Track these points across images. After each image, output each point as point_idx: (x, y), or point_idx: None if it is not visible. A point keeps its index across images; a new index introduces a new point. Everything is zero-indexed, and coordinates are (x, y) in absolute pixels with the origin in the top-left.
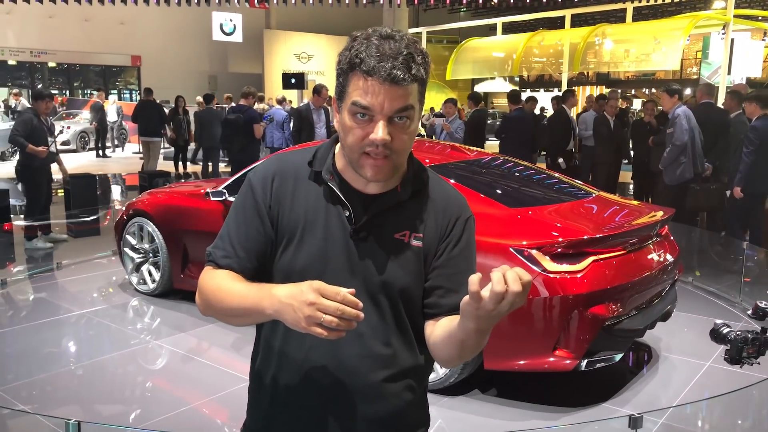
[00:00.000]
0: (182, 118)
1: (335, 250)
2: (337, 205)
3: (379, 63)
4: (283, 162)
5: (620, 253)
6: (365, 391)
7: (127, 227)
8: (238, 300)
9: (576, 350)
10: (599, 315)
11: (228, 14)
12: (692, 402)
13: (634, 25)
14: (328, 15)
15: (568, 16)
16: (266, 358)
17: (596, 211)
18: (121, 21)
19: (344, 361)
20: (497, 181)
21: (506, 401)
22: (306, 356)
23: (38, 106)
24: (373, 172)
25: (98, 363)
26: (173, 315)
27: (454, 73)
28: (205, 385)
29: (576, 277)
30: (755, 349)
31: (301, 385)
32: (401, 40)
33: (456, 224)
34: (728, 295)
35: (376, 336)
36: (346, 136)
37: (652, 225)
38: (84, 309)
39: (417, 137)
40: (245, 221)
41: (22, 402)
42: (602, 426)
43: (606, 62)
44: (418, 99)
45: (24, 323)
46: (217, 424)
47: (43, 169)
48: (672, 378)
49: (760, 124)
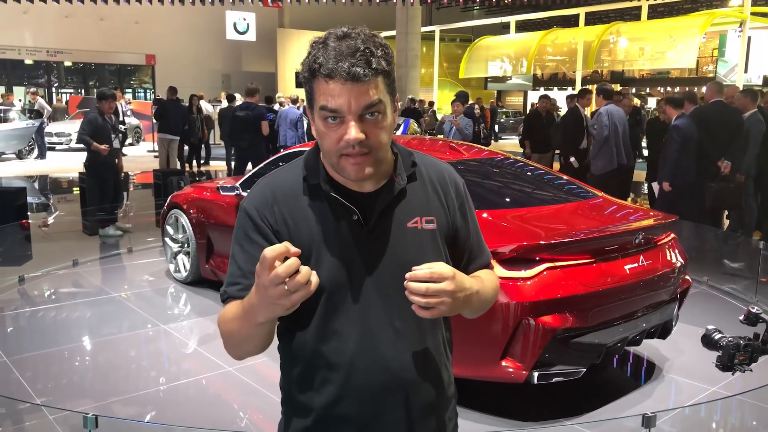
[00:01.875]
0: (196, 117)
1: (354, 257)
2: (343, 211)
3: (338, 63)
4: (274, 185)
5: (585, 261)
6: (414, 383)
7: (167, 218)
8: (237, 323)
9: (524, 361)
10: (549, 326)
11: (241, 13)
12: (706, 402)
13: (649, 22)
14: (341, 14)
15: (582, 14)
16: (302, 381)
17: (569, 216)
18: (136, 20)
19: (388, 363)
20: (475, 182)
21: (518, 400)
22: (349, 369)
23: (102, 105)
24: (354, 171)
25: (111, 340)
26: (198, 300)
27: (467, 72)
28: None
29: (525, 284)
30: (747, 356)
31: (351, 396)
32: (357, 37)
33: (456, 194)
34: (744, 295)
35: (411, 329)
36: (322, 142)
37: (632, 233)
38: (118, 293)
39: (430, 137)
40: (251, 247)
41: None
42: (616, 425)
43: (620, 60)
44: (387, 91)
45: (71, 300)
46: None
47: (108, 164)
48: (686, 378)
49: (682, 123)
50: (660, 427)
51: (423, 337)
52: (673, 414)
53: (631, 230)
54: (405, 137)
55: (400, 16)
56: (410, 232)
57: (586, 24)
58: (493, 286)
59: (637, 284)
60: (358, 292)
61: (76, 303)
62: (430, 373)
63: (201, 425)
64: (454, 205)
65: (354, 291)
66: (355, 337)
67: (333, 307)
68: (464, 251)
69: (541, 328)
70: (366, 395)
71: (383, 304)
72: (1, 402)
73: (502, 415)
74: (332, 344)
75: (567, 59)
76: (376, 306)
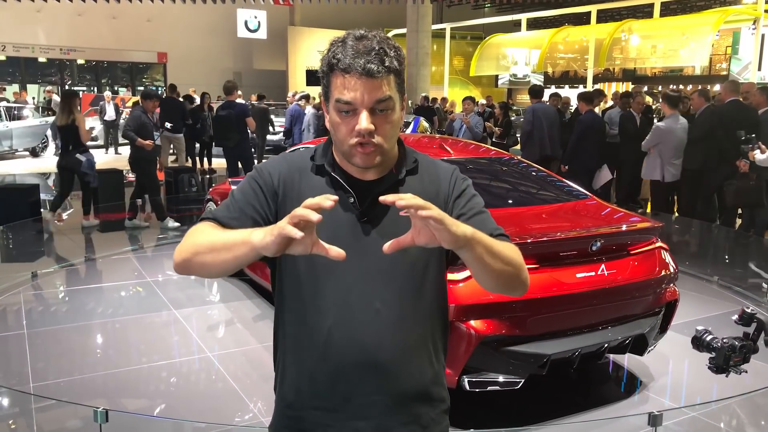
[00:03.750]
0: (207, 115)
1: (345, 235)
2: (341, 193)
3: (355, 60)
4: (289, 158)
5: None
6: (388, 365)
7: (205, 210)
8: (226, 235)
9: (452, 365)
10: (477, 331)
11: (253, 11)
12: (715, 401)
13: (662, 20)
14: (352, 11)
15: (594, 11)
16: (288, 350)
17: (524, 219)
18: (148, 18)
19: (365, 339)
20: None
21: (525, 398)
22: (326, 339)
23: (146, 104)
24: (362, 159)
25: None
26: (224, 286)
27: (478, 69)
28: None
29: (456, 287)
30: (741, 356)
31: (325, 369)
32: (373, 38)
33: (456, 183)
34: (755, 295)
35: (393, 311)
36: (336, 132)
37: (586, 239)
38: (150, 278)
39: (439, 136)
40: (253, 194)
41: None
42: (622, 423)
43: (632, 58)
44: (397, 89)
45: (83, 295)
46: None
47: (150, 160)
48: (694, 377)
49: (585, 118)
50: (667, 426)
51: (404, 323)
52: (680, 413)
53: (583, 237)
54: (414, 135)
55: (411, 13)
56: (401, 219)
57: (598, 21)
58: (512, 248)
59: (591, 294)
60: (345, 271)
61: (89, 296)
62: (409, 362)
63: (208, 419)
64: (451, 193)
65: (341, 269)
66: (335, 311)
67: (319, 282)
68: (472, 224)
69: (468, 333)
70: (341, 373)
71: (366, 284)
72: (12, 395)
73: (508, 414)
74: (314, 318)
75: (578, 57)
76: (359, 285)
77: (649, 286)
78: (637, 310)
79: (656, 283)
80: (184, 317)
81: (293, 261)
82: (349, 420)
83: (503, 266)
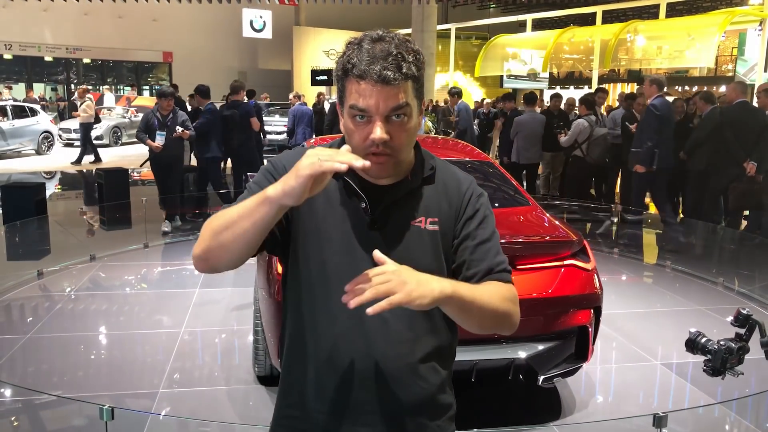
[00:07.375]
0: None
1: (354, 240)
2: (353, 197)
3: (370, 66)
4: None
5: None
6: (394, 375)
7: None
8: (239, 206)
9: None
10: None
11: (258, 11)
12: (719, 402)
13: (668, 21)
14: (357, 11)
15: (599, 12)
16: (294, 351)
17: None
18: (153, 18)
19: (371, 347)
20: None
21: (528, 399)
22: (333, 345)
23: (161, 103)
24: (377, 170)
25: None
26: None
27: (483, 70)
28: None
29: None
30: (737, 358)
31: (331, 374)
32: (391, 41)
33: (470, 201)
34: (762, 297)
35: (401, 321)
36: (350, 138)
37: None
38: (156, 276)
39: (444, 136)
40: (268, 184)
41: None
42: (626, 424)
43: (638, 59)
44: (414, 96)
45: (90, 293)
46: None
47: (164, 161)
48: (697, 377)
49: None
50: (671, 427)
51: (411, 333)
52: (684, 414)
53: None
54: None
55: (416, 14)
56: (412, 229)
57: (604, 22)
58: (500, 296)
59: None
60: (353, 276)
61: (96, 296)
62: (416, 372)
63: (212, 418)
64: (463, 213)
65: (350, 274)
66: (343, 317)
67: (329, 288)
68: (465, 259)
69: None
70: (346, 380)
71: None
72: (18, 393)
73: (510, 414)
74: (322, 323)
75: (584, 58)
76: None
77: (539, 307)
78: (533, 331)
79: (555, 305)
80: (191, 315)
81: (305, 265)
82: (353, 426)
83: (482, 318)
